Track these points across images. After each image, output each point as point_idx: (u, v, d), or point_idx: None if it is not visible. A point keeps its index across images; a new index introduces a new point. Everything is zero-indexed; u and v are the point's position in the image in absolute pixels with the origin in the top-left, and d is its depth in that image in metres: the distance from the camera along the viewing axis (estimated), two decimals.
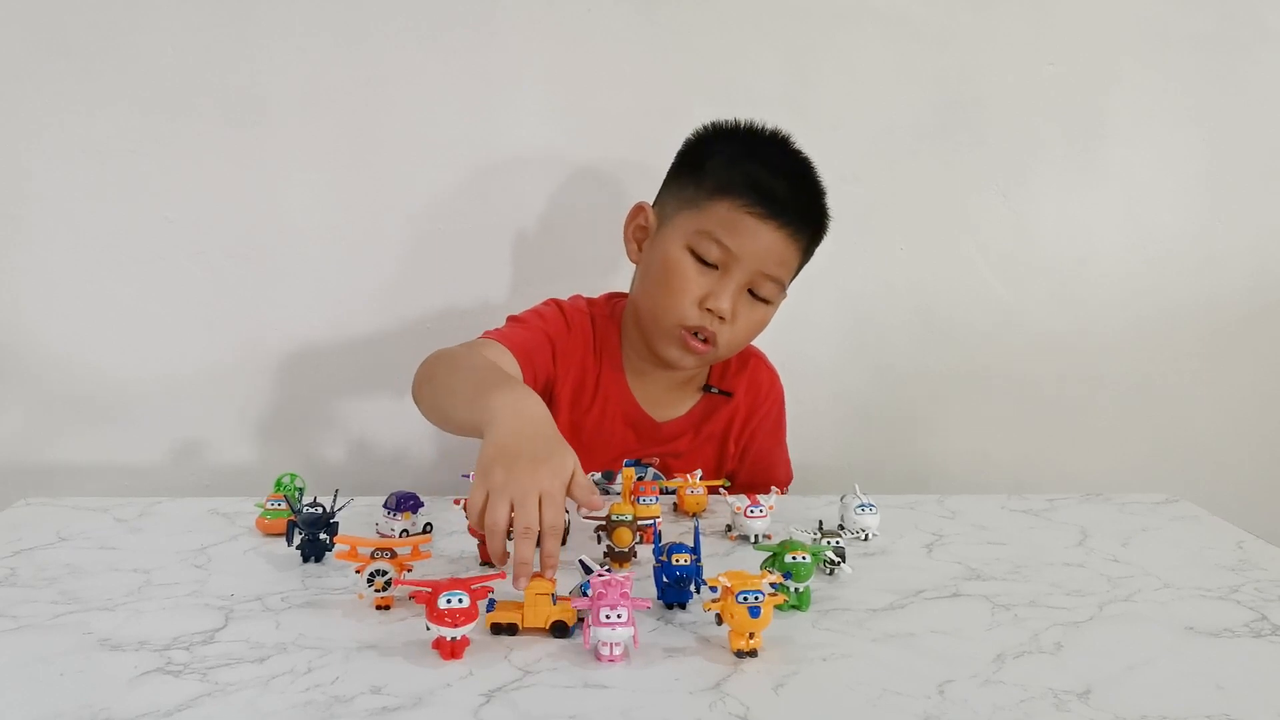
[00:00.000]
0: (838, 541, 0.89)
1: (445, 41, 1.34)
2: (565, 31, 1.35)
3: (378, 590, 0.77)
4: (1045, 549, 0.96)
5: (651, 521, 0.91)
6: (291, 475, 1.01)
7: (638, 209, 1.15)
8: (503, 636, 0.73)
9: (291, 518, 0.90)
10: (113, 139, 1.32)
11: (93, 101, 1.31)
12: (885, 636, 0.75)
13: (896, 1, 1.39)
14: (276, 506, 0.96)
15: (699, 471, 1.05)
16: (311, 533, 0.87)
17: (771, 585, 0.71)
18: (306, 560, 0.88)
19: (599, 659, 0.69)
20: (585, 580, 0.74)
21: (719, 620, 0.71)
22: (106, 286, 1.35)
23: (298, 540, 0.88)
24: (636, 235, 1.15)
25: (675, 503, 1.07)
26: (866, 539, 0.98)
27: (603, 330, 1.18)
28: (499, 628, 0.74)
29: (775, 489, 1.04)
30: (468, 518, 0.80)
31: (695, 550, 0.80)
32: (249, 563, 0.89)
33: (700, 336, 1.08)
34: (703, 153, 1.11)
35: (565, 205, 1.39)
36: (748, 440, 1.23)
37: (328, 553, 0.88)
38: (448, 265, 1.39)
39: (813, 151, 1.37)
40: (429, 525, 0.96)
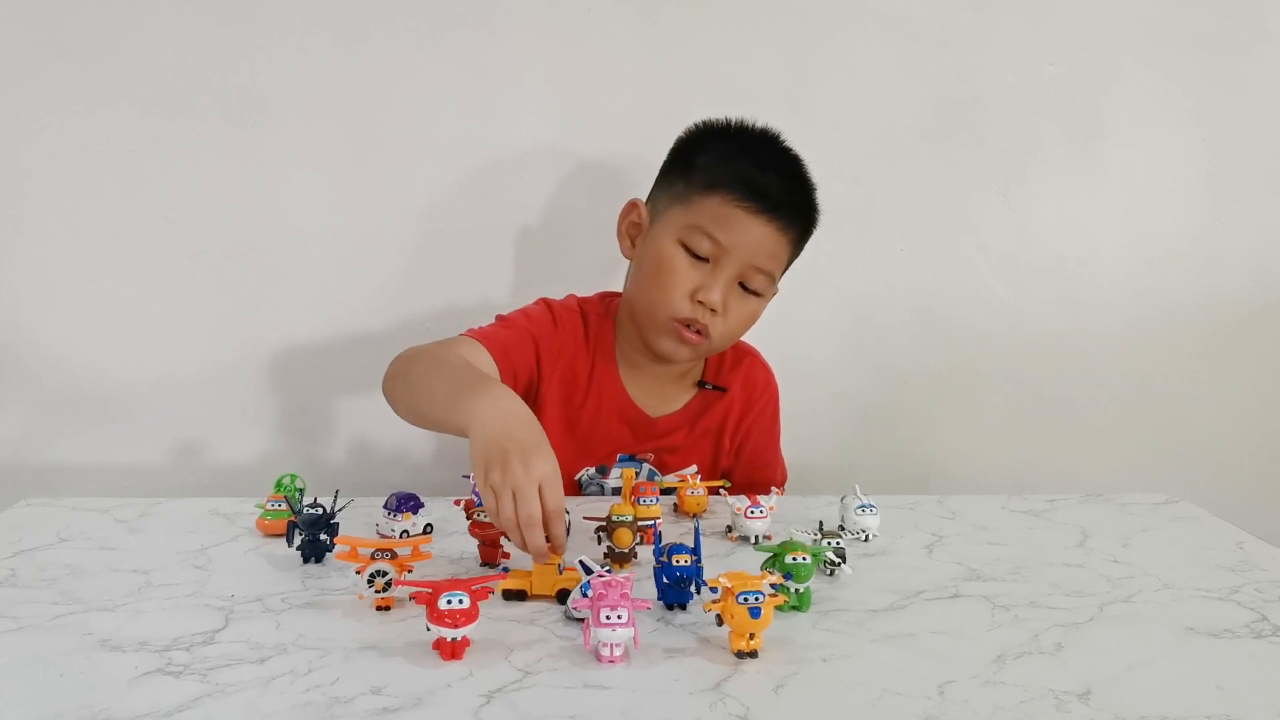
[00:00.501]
0: (838, 542, 0.89)
1: (445, 41, 1.34)
2: (565, 31, 1.35)
3: (378, 591, 0.77)
4: (1045, 549, 0.96)
5: (652, 522, 0.91)
6: (292, 476, 1.01)
7: (630, 206, 1.16)
8: (502, 637, 0.73)
9: (292, 518, 0.90)
10: (113, 139, 1.32)
11: (93, 101, 1.31)
12: (885, 637, 0.75)
13: (896, 1, 1.39)
14: (277, 507, 0.96)
15: (694, 466, 1.05)
16: (312, 533, 0.88)
17: (772, 586, 0.71)
18: (307, 561, 0.88)
19: (599, 660, 0.70)
20: (585, 581, 0.74)
21: (719, 621, 0.72)
22: (106, 286, 1.35)
23: (298, 541, 0.88)
24: (630, 231, 1.16)
25: (675, 503, 1.07)
26: (867, 539, 0.98)
27: (596, 326, 1.19)
28: (510, 594, 0.78)
29: (775, 489, 1.04)
30: (491, 520, 0.82)
31: (695, 551, 0.80)
32: (249, 563, 0.89)
33: (693, 328, 1.09)
34: (693, 150, 1.12)
35: (565, 205, 1.39)
36: (743, 437, 1.23)
37: (328, 553, 0.88)
38: (448, 265, 1.39)
39: (813, 151, 1.37)
40: (429, 526, 0.96)
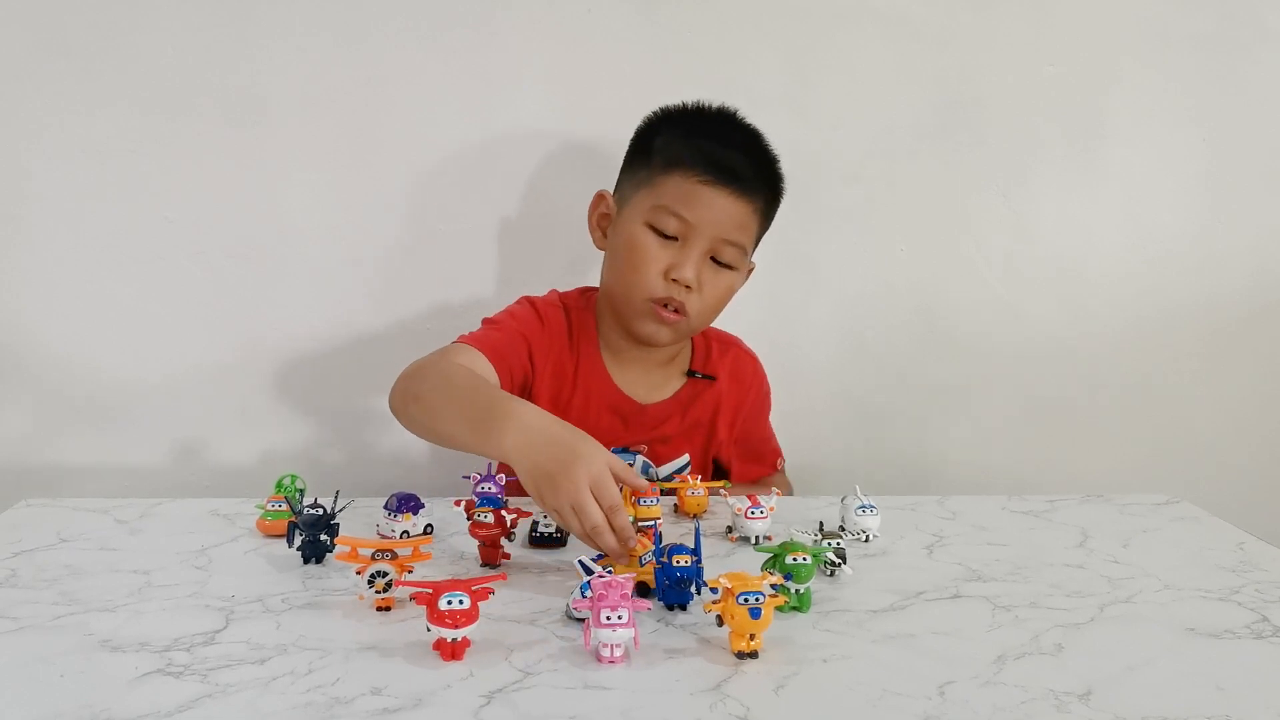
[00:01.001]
0: (838, 543, 0.89)
1: (445, 41, 1.34)
2: (565, 31, 1.35)
3: (378, 591, 0.77)
4: (1046, 550, 0.96)
5: (652, 523, 0.91)
6: (292, 476, 1.01)
7: (598, 197, 1.18)
8: (503, 638, 0.73)
9: (292, 519, 0.90)
10: (113, 139, 1.32)
11: (93, 101, 1.31)
12: (886, 637, 0.75)
13: (896, 1, 1.39)
14: (277, 508, 0.96)
15: (685, 456, 1.05)
16: (312, 534, 0.88)
17: (772, 586, 0.71)
18: (307, 561, 0.88)
19: (599, 660, 0.70)
20: (585, 581, 0.74)
21: (719, 621, 0.71)
22: (106, 286, 1.35)
23: (298, 541, 0.88)
24: (600, 223, 1.18)
25: (676, 504, 1.07)
26: (867, 540, 0.98)
27: (578, 320, 1.19)
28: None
29: (776, 490, 1.04)
30: (570, 529, 0.84)
31: (696, 551, 0.80)
32: (249, 564, 0.89)
33: (670, 307, 1.10)
34: (652, 134, 1.14)
35: (566, 205, 1.39)
36: (740, 430, 1.25)
37: (328, 554, 0.88)
38: (448, 265, 1.39)
39: (813, 151, 1.38)
40: (430, 526, 0.96)
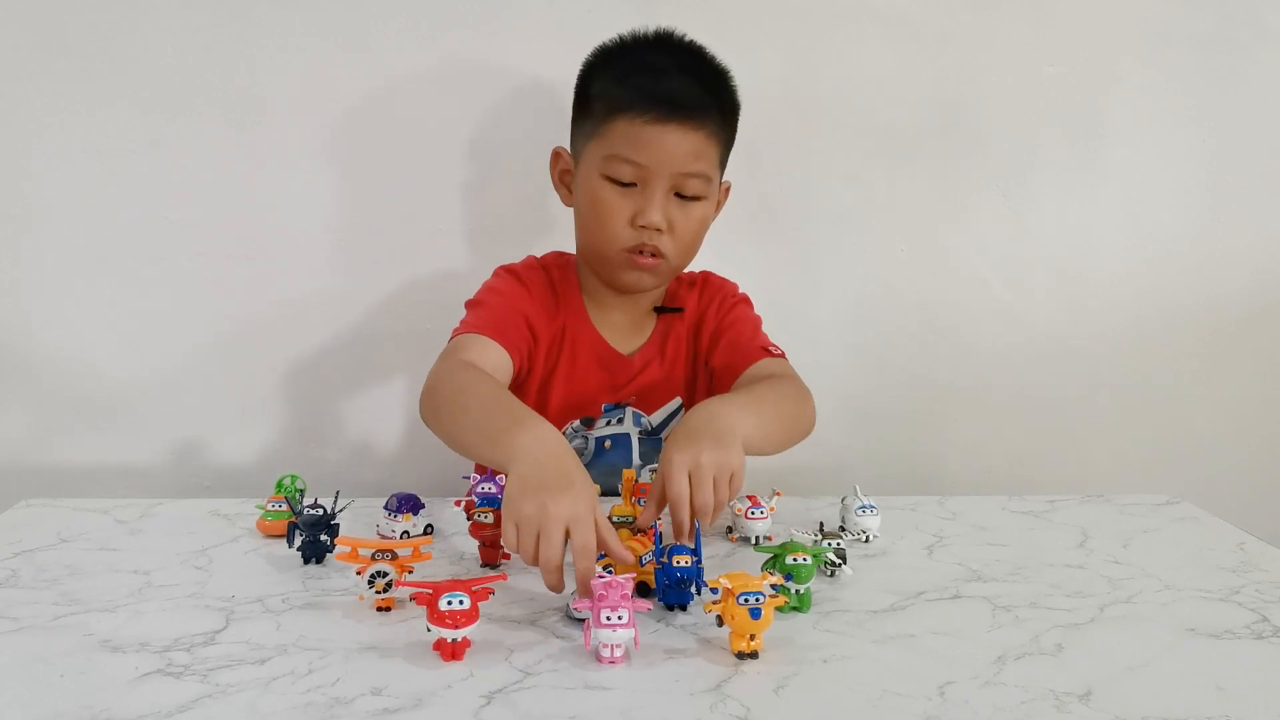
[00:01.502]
0: (838, 543, 0.89)
1: (445, 41, 1.34)
2: (565, 32, 1.35)
3: (378, 592, 0.77)
4: (1046, 550, 0.96)
5: (653, 523, 0.91)
6: (293, 476, 1.01)
7: (555, 154, 1.16)
8: (503, 638, 0.73)
9: (292, 519, 0.90)
10: (113, 139, 1.32)
11: (93, 101, 1.31)
12: (886, 638, 0.75)
13: (896, 1, 1.39)
14: (277, 508, 0.96)
15: (678, 399, 1.05)
16: (312, 534, 0.88)
17: (772, 587, 0.71)
18: (307, 562, 0.88)
19: (600, 660, 0.70)
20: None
21: (720, 622, 0.72)
22: (106, 286, 1.35)
23: (298, 542, 0.88)
24: (564, 180, 1.16)
25: None
26: (867, 540, 0.98)
27: (560, 277, 1.18)
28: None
29: (775, 491, 1.03)
30: (514, 550, 0.80)
31: (696, 552, 0.80)
32: (250, 564, 0.89)
33: (646, 253, 1.08)
34: (589, 83, 1.11)
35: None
36: (712, 335, 1.19)
37: (328, 554, 0.88)
38: (448, 265, 1.39)
39: (813, 151, 1.38)
40: (430, 527, 0.96)
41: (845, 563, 0.87)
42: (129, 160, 1.32)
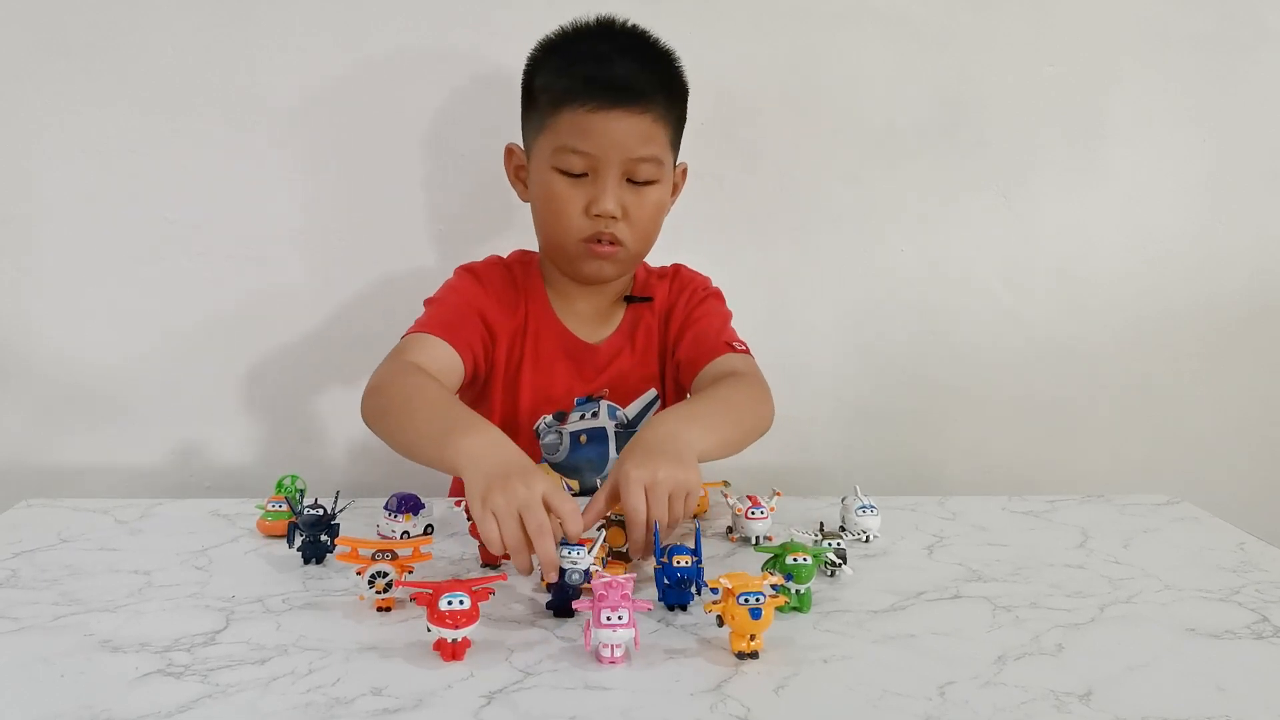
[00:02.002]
0: (839, 543, 0.89)
1: (445, 41, 1.34)
2: None
3: (379, 592, 0.77)
4: (1046, 550, 0.96)
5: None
6: (293, 477, 1.01)
7: (508, 151, 1.16)
8: (503, 638, 0.73)
9: (292, 519, 0.90)
10: (113, 139, 1.32)
11: (93, 101, 1.31)
12: (886, 638, 0.75)
13: (896, 1, 1.39)
14: (277, 508, 0.96)
15: (652, 391, 1.05)
16: (312, 534, 0.88)
17: (772, 587, 0.71)
18: (307, 562, 0.88)
19: (600, 660, 0.70)
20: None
21: (720, 622, 0.72)
22: (106, 286, 1.35)
23: (298, 542, 0.88)
24: (519, 175, 1.15)
25: None
26: (867, 540, 0.98)
27: (522, 273, 1.18)
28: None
29: (775, 491, 1.03)
30: (485, 544, 0.81)
31: (696, 552, 0.80)
32: (250, 564, 0.89)
33: (604, 241, 1.08)
34: (533, 77, 1.11)
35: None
36: (678, 330, 1.18)
37: (329, 554, 0.88)
38: (448, 265, 1.38)
39: (813, 151, 1.37)
40: (430, 526, 0.96)
41: (845, 563, 0.87)
42: (129, 160, 1.32)
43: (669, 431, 0.90)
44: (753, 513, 0.96)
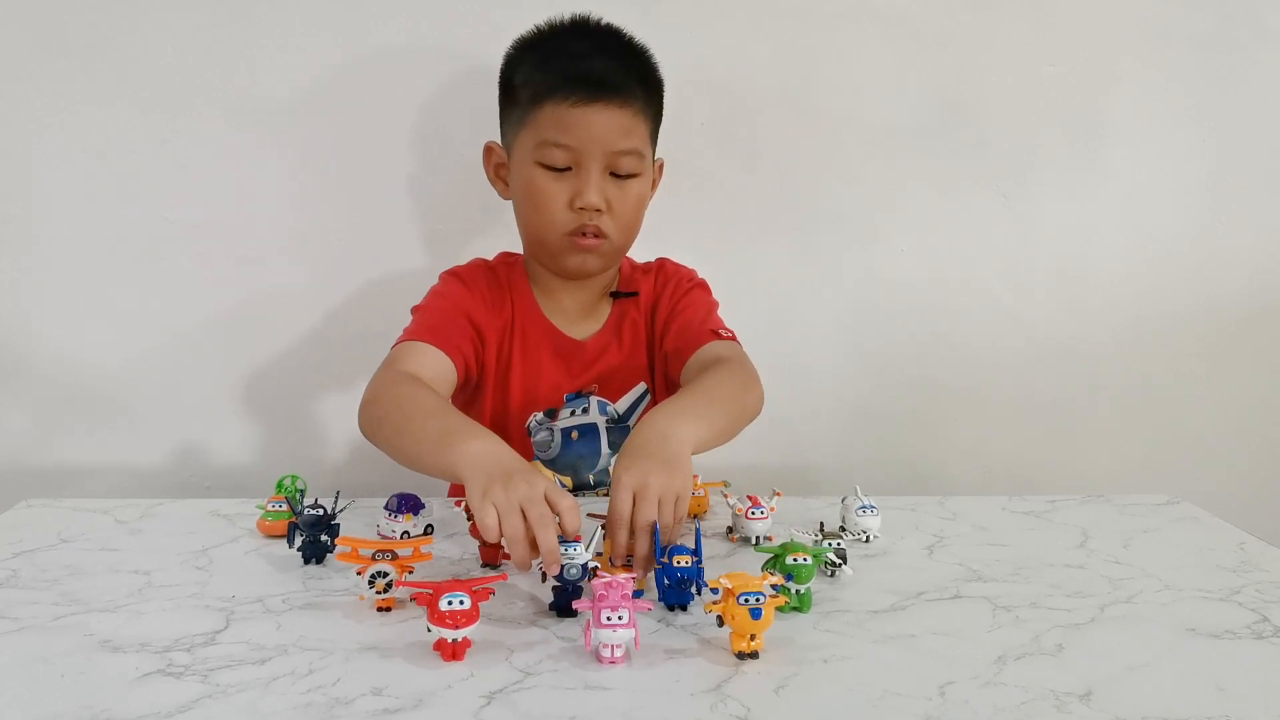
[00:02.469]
0: (839, 543, 0.89)
1: (445, 41, 1.34)
2: None
3: (379, 592, 0.77)
4: (1046, 550, 0.96)
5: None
6: (293, 477, 1.01)
7: (487, 149, 1.16)
8: (503, 638, 0.73)
9: (292, 519, 0.90)
10: (113, 139, 1.32)
11: (93, 101, 1.31)
12: (886, 638, 0.75)
13: (896, 1, 1.39)
14: (277, 508, 0.96)
15: (642, 385, 1.05)
16: (312, 534, 0.88)
17: (773, 587, 0.71)
18: (308, 562, 0.88)
19: (600, 660, 0.70)
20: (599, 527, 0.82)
21: (720, 622, 0.72)
22: (106, 286, 1.35)
23: (299, 542, 0.88)
24: (499, 173, 1.16)
25: None
26: (867, 540, 0.98)
27: (506, 274, 1.18)
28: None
29: (775, 491, 1.03)
30: (482, 534, 0.80)
31: (696, 552, 0.80)
32: (250, 564, 0.89)
33: (588, 234, 1.08)
34: (512, 74, 1.12)
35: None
36: (664, 322, 1.19)
37: (329, 554, 0.88)
38: (448, 265, 1.39)
39: (813, 151, 1.37)
40: (430, 527, 0.96)
41: (845, 563, 0.86)
42: (129, 160, 1.32)
43: (659, 433, 0.90)
44: (753, 513, 0.96)
